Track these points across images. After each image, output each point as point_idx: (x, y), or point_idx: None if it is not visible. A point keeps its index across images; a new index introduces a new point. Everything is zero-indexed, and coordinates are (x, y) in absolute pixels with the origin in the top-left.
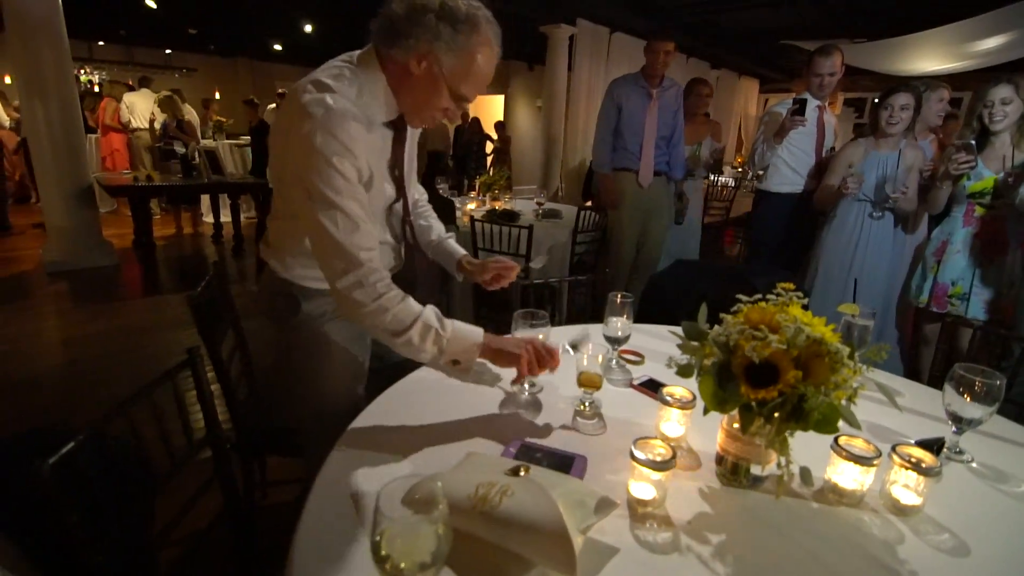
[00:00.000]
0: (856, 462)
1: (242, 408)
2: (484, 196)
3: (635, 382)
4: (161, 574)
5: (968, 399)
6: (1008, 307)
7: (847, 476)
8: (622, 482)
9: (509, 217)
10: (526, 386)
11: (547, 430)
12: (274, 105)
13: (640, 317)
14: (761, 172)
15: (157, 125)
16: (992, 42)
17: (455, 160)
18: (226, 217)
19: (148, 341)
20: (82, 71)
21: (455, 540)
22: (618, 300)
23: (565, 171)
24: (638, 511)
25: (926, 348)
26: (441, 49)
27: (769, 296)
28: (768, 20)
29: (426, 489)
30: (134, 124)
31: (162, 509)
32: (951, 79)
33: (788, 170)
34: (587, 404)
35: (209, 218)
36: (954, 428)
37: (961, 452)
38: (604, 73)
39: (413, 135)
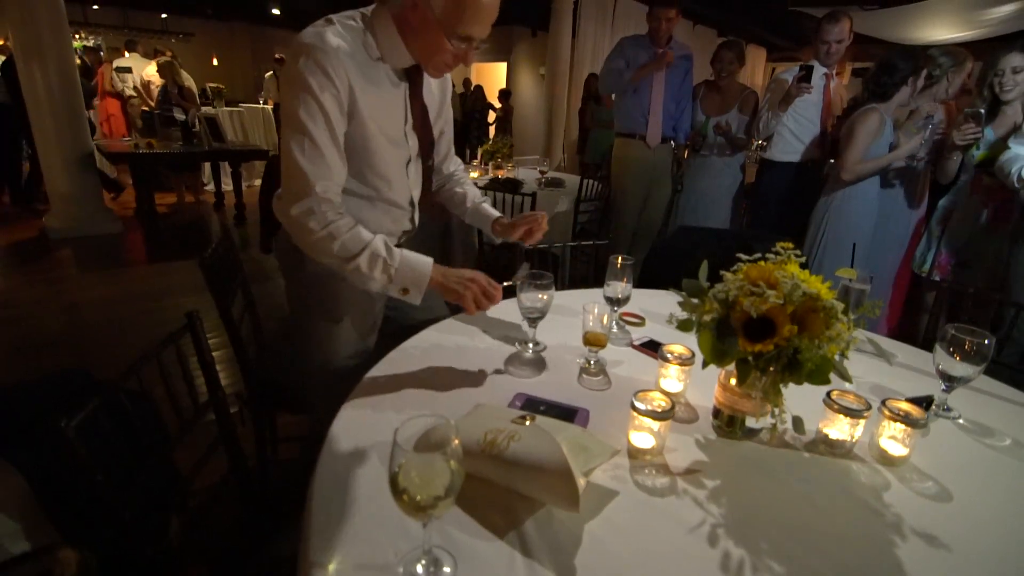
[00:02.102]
0: (847, 415)
1: (253, 366)
2: (487, 165)
3: (636, 342)
4: (178, 526)
5: (958, 358)
6: (1003, 273)
7: (838, 428)
8: (623, 432)
9: (512, 186)
10: (530, 345)
11: (553, 386)
12: (271, 73)
13: (643, 282)
14: (765, 142)
15: (154, 89)
16: (1005, 9)
17: (457, 128)
18: (227, 185)
19: (155, 306)
20: (77, 36)
21: (467, 481)
22: (618, 263)
23: (568, 140)
24: (638, 459)
25: (924, 316)
26: None
27: (768, 255)
28: None
29: (440, 432)
30: (127, 92)
31: (180, 463)
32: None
33: (793, 139)
34: (592, 362)
35: (210, 185)
36: (944, 386)
37: (949, 409)
38: (610, 38)
39: (440, 95)
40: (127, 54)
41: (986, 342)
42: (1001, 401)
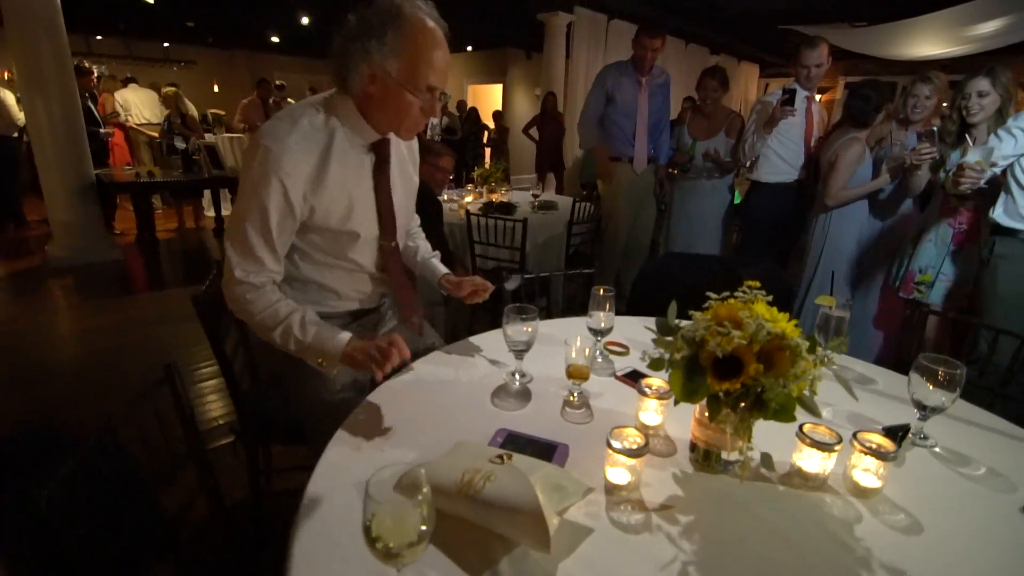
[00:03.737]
0: (818, 448)
1: (246, 399)
2: (481, 188)
3: (619, 373)
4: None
5: (931, 387)
6: (975, 300)
7: (811, 461)
8: (601, 468)
9: (506, 209)
10: (517, 377)
11: (536, 419)
12: (247, 100)
13: (631, 309)
14: (750, 163)
15: (152, 118)
16: (990, 26)
17: (455, 151)
18: (227, 210)
19: (155, 334)
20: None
21: (444, 521)
22: (600, 293)
23: (564, 159)
24: (614, 494)
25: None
26: (381, 60)
27: (737, 292)
28: (768, 4)
29: (412, 476)
30: (131, 121)
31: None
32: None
33: (779, 160)
34: (575, 395)
35: (211, 212)
36: (918, 415)
37: (925, 437)
38: (603, 60)
39: (401, 171)
40: (129, 85)
41: (958, 371)
42: (978, 428)
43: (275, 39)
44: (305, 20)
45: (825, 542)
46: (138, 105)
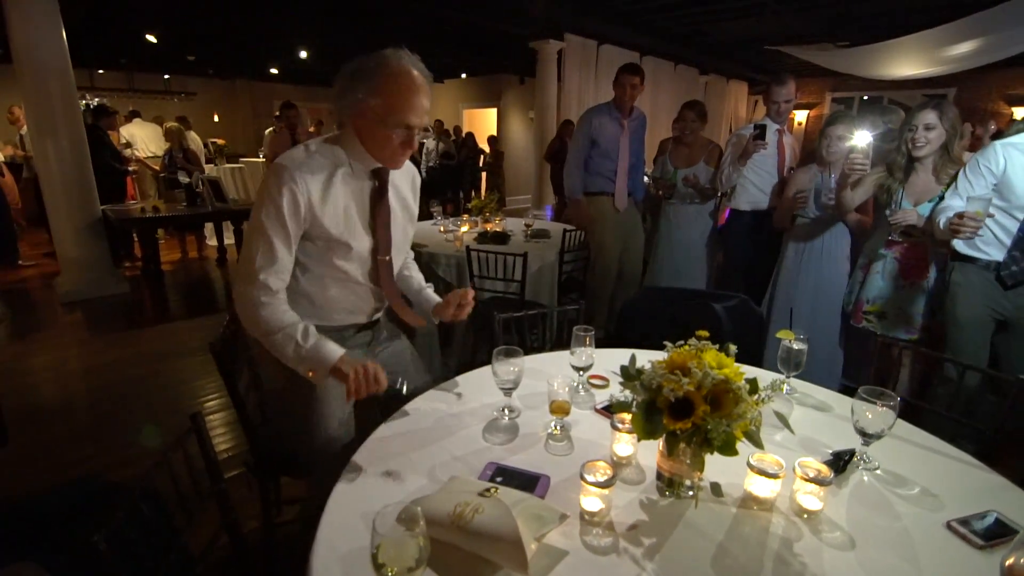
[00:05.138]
0: (764, 475)
1: (258, 435)
2: (476, 218)
3: (598, 406)
4: None
5: (870, 416)
6: (937, 327)
7: (760, 486)
8: (579, 495)
9: (500, 239)
10: (506, 412)
11: (523, 451)
12: (271, 129)
13: (617, 341)
14: (728, 192)
15: (152, 152)
16: (965, 47)
17: (451, 176)
18: (229, 239)
19: (166, 368)
20: (83, 100)
21: (439, 548)
22: (581, 333)
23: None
24: (587, 520)
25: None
26: (365, 99)
27: (691, 340)
28: (754, 29)
29: (410, 512)
30: (138, 154)
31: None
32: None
33: (754, 189)
34: (558, 428)
35: (213, 241)
36: (862, 441)
37: (869, 460)
38: (594, 83)
39: (399, 198)
40: (133, 120)
41: (892, 403)
42: (921, 450)
43: (274, 71)
44: (304, 54)
45: (768, 559)
46: (143, 139)
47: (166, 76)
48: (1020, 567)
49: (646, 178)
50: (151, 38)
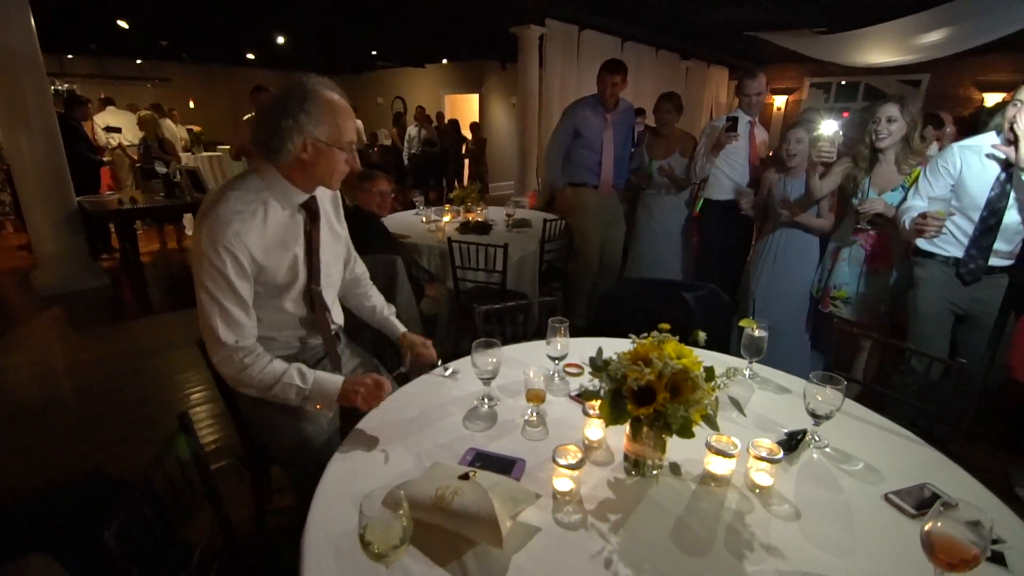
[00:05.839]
0: (720, 455)
1: (249, 427)
2: (458, 208)
3: (572, 393)
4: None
5: (820, 399)
6: (900, 315)
7: (718, 465)
8: (551, 478)
9: (482, 229)
10: (485, 401)
11: (501, 437)
12: (249, 116)
13: (595, 330)
14: (702, 182)
15: (128, 141)
16: (935, 36)
17: (434, 163)
18: None
19: (151, 362)
20: (52, 85)
21: (422, 528)
22: (556, 324)
23: (541, 168)
24: (560, 499)
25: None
26: (310, 130)
27: (653, 333)
28: (735, 16)
29: (394, 496)
30: (114, 142)
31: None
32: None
33: (726, 179)
34: (535, 415)
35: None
36: (813, 422)
37: (819, 439)
38: (576, 69)
39: (333, 210)
40: (106, 108)
41: (840, 387)
42: (870, 429)
43: (250, 56)
44: (280, 40)
45: (721, 530)
46: (120, 127)
47: (138, 61)
48: (937, 532)
49: None
50: (122, 23)
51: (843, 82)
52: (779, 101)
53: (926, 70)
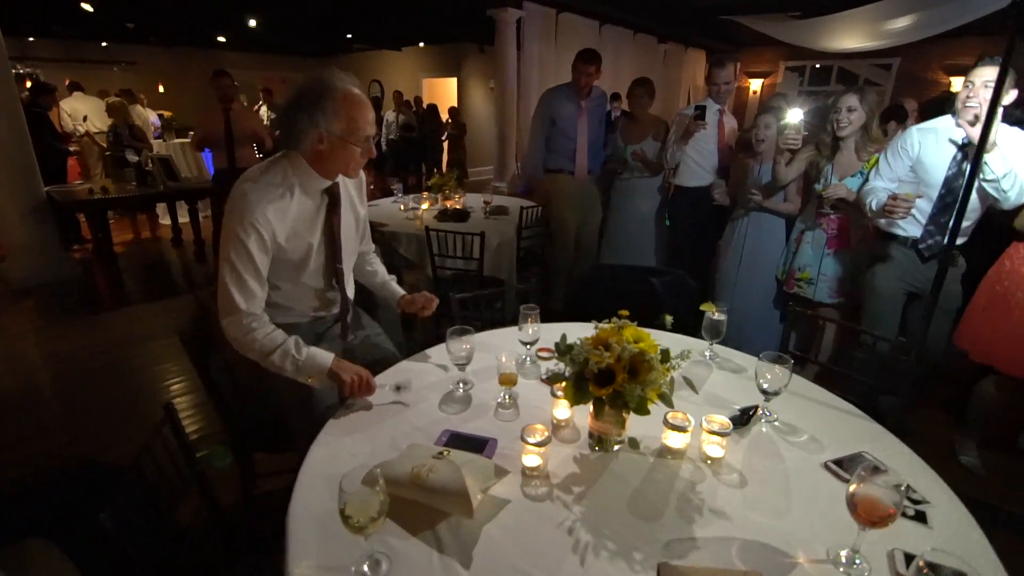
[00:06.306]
0: (674, 430)
1: (234, 415)
2: (437, 195)
3: (543, 376)
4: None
5: (769, 377)
6: (856, 294)
7: (674, 439)
8: (520, 455)
9: (460, 216)
10: (460, 385)
11: (475, 419)
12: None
13: (571, 314)
14: (673, 169)
15: (97, 128)
16: (901, 22)
17: (413, 149)
18: (184, 218)
19: (127, 354)
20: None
21: (398, 503)
22: (527, 311)
23: (520, 151)
24: (528, 475)
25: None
26: (327, 124)
27: (613, 319)
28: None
29: (372, 474)
30: (80, 130)
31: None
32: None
33: (696, 166)
34: (507, 397)
35: (166, 220)
36: (764, 398)
37: (769, 414)
38: (554, 52)
39: (351, 207)
40: (73, 93)
41: (788, 365)
42: (815, 404)
43: (221, 39)
44: (253, 23)
45: (674, 498)
46: (87, 114)
47: (104, 44)
48: (860, 493)
49: None
50: (86, 6)
51: (817, 65)
52: (755, 84)
53: (897, 54)
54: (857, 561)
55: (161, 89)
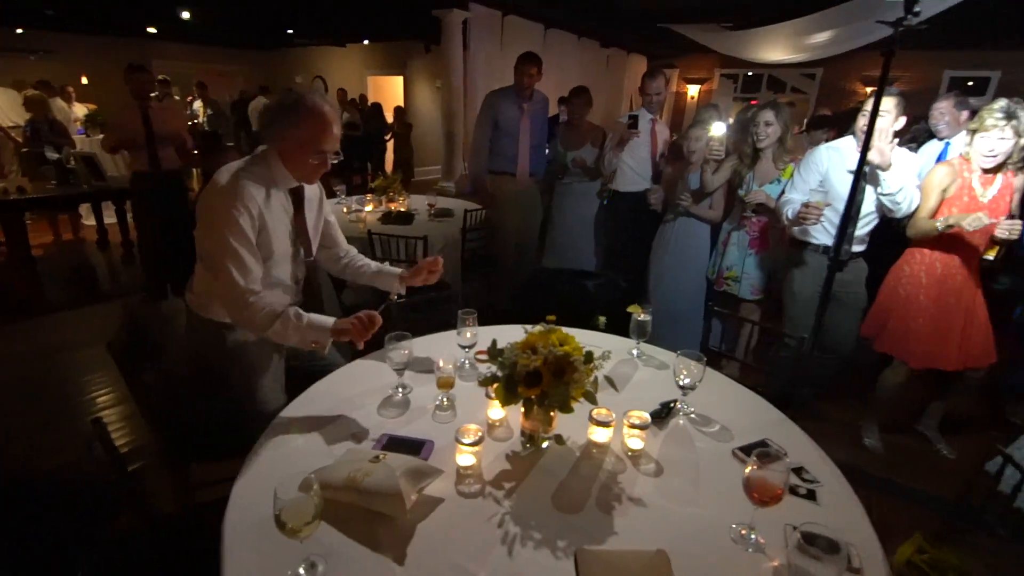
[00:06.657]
0: (599, 425)
1: (167, 426)
2: (381, 197)
3: (480, 380)
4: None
5: (685, 372)
6: (775, 291)
7: (598, 434)
8: (454, 455)
9: (405, 219)
10: (399, 390)
11: (413, 422)
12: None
13: (516, 315)
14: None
15: (13, 121)
16: (822, 36)
17: (358, 148)
18: (111, 219)
19: (54, 363)
20: None
21: (335, 507)
22: (464, 316)
23: (468, 152)
24: (462, 473)
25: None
26: (288, 129)
27: (540, 325)
28: (655, 4)
29: (307, 480)
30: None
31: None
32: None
33: (632, 172)
34: (445, 400)
35: (91, 221)
36: (682, 393)
37: (686, 407)
38: (500, 54)
39: (312, 207)
40: None
41: (702, 362)
42: (729, 396)
43: (152, 29)
44: (185, 15)
45: (596, 488)
46: (1, 108)
47: (19, 31)
48: (754, 476)
49: None
50: None
51: (749, 73)
52: (692, 90)
53: (820, 64)
54: (752, 536)
55: (85, 81)
